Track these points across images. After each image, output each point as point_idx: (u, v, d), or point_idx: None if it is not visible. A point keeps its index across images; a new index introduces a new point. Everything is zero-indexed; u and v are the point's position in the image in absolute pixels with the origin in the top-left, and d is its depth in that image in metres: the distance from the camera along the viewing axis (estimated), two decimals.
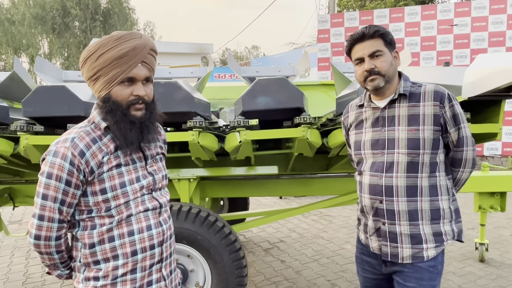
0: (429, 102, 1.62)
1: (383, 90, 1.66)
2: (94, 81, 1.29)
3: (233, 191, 3.25)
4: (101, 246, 1.30)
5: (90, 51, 1.27)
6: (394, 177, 1.63)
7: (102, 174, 1.28)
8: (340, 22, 9.15)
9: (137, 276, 1.33)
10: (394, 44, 1.67)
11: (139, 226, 1.33)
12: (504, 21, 8.12)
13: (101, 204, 1.29)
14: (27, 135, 2.37)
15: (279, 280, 3.60)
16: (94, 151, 1.27)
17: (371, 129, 1.71)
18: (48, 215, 1.26)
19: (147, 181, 1.37)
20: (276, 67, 3.64)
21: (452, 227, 1.68)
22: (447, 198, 1.67)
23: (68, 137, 1.27)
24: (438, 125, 1.62)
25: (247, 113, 2.42)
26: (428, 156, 1.62)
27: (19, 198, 3.20)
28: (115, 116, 1.27)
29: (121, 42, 1.25)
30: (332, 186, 3.17)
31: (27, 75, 3.08)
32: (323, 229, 5.01)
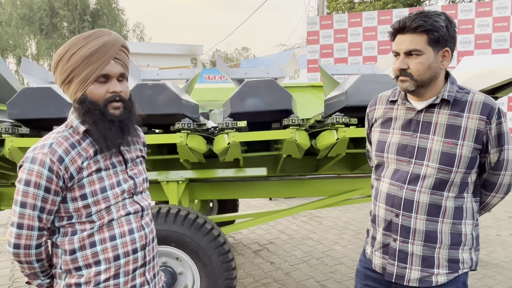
0: (475, 114, 1.39)
1: (420, 92, 1.45)
2: (68, 83, 1.25)
3: (222, 193, 3.25)
4: (82, 252, 1.28)
5: (60, 54, 1.24)
6: (417, 191, 1.45)
7: (82, 180, 1.25)
8: (329, 24, 9.21)
9: (120, 281, 1.31)
10: (447, 41, 1.39)
11: (121, 230, 1.31)
12: (489, 24, 8.25)
13: (82, 210, 1.26)
14: (12, 138, 2.34)
15: (269, 282, 3.60)
16: (73, 156, 1.24)
17: (400, 131, 1.51)
18: (27, 223, 1.23)
19: (128, 185, 1.35)
20: (265, 68, 3.65)
21: (472, 255, 1.50)
22: (472, 222, 1.49)
23: (46, 143, 1.24)
24: (479, 143, 1.41)
25: (235, 115, 2.42)
26: (461, 175, 1.42)
27: (4, 202, 3.15)
28: (93, 116, 1.23)
29: (91, 40, 1.23)
30: (321, 187, 3.19)
31: (13, 76, 3.03)
32: (313, 230, 5.03)
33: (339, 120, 2.32)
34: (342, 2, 19.65)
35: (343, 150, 2.50)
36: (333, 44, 9.16)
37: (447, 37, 1.38)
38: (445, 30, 1.37)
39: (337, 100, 2.38)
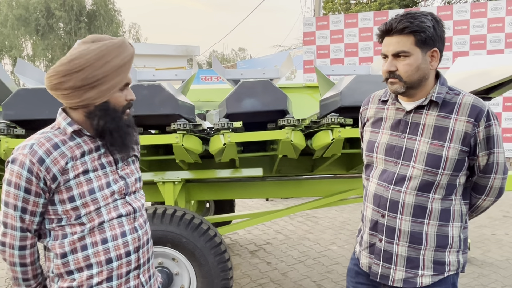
0: (463, 116, 1.37)
1: (410, 93, 1.44)
2: (87, 89, 1.21)
3: (218, 193, 3.25)
4: (74, 255, 1.26)
5: (90, 60, 1.19)
6: (402, 192, 1.44)
7: (69, 181, 1.23)
8: (325, 25, 9.23)
9: (113, 284, 1.30)
10: (435, 41, 1.37)
11: (113, 233, 1.29)
12: (484, 25, 8.29)
13: (71, 212, 1.25)
14: (8, 139, 2.33)
15: (265, 282, 3.60)
16: (56, 157, 1.22)
17: (389, 131, 1.50)
18: (10, 223, 1.23)
19: (119, 185, 1.33)
20: (261, 69, 3.66)
21: (459, 257, 1.48)
22: (459, 225, 1.47)
23: (28, 143, 1.23)
24: (467, 145, 1.38)
25: (231, 115, 2.43)
26: (447, 177, 1.40)
27: None
28: (117, 122, 1.27)
29: (123, 50, 1.25)
30: (318, 187, 3.19)
31: (8, 77, 3.02)
32: (309, 230, 5.03)
33: (335, 120, 2.33)
34: (338, 3, 19.69)
35: (339, 150, 2.51)
36: (329, 44, 9.19)
37: (435, 37, 1.36)
38: (432, 30, 1.35)
39: (333, 100, 2.39)
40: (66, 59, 1.21)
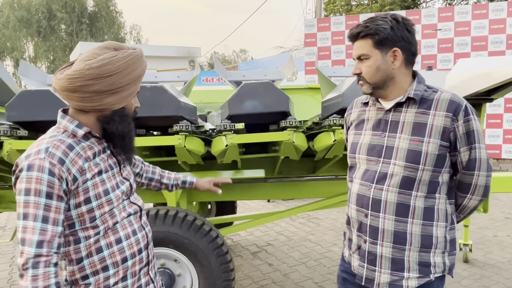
0: (441, 112, 1.38)
1: (379, 94, 1.47)
2: (110, 94, 1.23)
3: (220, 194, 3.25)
4: (89, 259, 1.25)
5: (120, 67, 1.22)
6: (384, 190, 1.43)
7: (86, 182, 1.22)
8: (326, 26, 9.24)
9: (128, 282, 1.31)
10: (395, 41, 1.39)
11: (126, 232, 1.31)
12: (486, 26, 8.29)
13: (85, 215, 1.23)
14: (11, 140, 2.34)
15: (267, 283, 3.60)
16: (73, 158, 1.21)
17: (371, 132, 1.51)
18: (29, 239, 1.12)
19: (125, 186, 1.36)
20: (263, 71, 3.66)
21: (445, 259, 1.44)
22: (444, 225, 1.44)
23: (41, 148, 1.18)
24: (446, 140, 1.38)
25: (233, 117, 2.43)
26: (428, 173, 1.39)
27: (3, 204, 3.15)
28: (129, 126, 1.32)
29: (143, 61, 1.31)
30: (319, 189, 3.20)
31: (11, 79, 3.04)
32: (311, 231, 5.03)
33: (336, 122, 2.33)
34: (340, 4, 19.71)
35: (341, 152, 2.52)
36: (331, 46, 9.19)
37: (394, 38, 1.38)
38: (389, 31, 1.38)
39: (334, 102, 2.40)
40: (95, 63, 1.19)
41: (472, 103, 2.30)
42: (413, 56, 1.44)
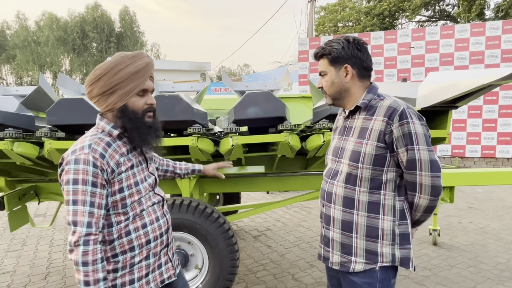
0: (380, 117, 1.34)
1: (340, 105, 1.47)
2: (108, 95, 1.23)
3: (227, 187, 3.25)
4: (119, 240, 1.26)
5: (106, 69, 1.21)
6: (335, 184, 1.43)
7: (121, 174, 1.24)
8: (317, 44, 9.22)
9: (150, 261, 1.32)
10: (346, 58, 1.38)
11: (150, 219, 1.32)
12: (452, 45, 8.28)
13: (118, 203, 1.24)
14: (51, 140, 2.35)
15: (266, 262, 3.60)
16: (111, 153, 1.23)
17: (337, 136, 1.51)
18: (80, 220, 1.15)
19: (152, 179, 1.38)
20: (263, 82, 3.65)
21: (394, 251, 1.37)
22: (391, 219, 1.36)
23: (84, 144, 1.20)
24: (382, 141, 1.33)
25: (238, 121, 2.43)
26: (368, 171, 1.34)
27: (43, 195, 3.16)
28: (136, 123, 1.26)
29: (136, 60, 1.24)
30: (311, 182, 3.19)
31: (51, 89, 3.05)
32: (303, 219, 5.03)
33: (325, 125, 2.33)
34: (328, 26, 19.70)
35: None
36: None
37: (345, 56, 1.38)
38: (340, 50, 1.38)
39: (324, 108, 2.40)
40: (91, 72, 1.25)
41: (440, 109, 2.31)
42: (365, 70, 1.41)
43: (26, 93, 3.06)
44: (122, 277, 1.27)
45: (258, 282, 3.18)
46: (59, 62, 31.72)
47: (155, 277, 1.34)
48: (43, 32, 30.06)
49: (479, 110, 8.17)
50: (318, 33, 19.34)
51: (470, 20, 15.32)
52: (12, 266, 3.68)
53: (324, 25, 19.73)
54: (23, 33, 30.09)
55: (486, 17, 15.80)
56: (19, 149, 2.36)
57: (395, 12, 18.09)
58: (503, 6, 14.34)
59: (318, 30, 19.57)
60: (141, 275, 1.29)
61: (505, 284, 3.05)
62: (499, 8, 14.86)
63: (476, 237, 4.14)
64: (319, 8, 20.27)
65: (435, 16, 18.99)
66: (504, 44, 7.95)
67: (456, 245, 3.93)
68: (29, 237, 4.55)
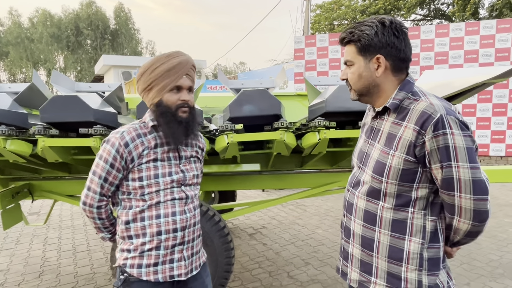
0: (411, 124, 1.10)
1: (367, 101, 1.24)
2: (148, 91, 1.35)
3: (222, 185, 3.25)
4: (134, 224, 1.36)
5: (145, 67, 1.34)
6: (356, 195, 1.26)
7: (141, 165, 1.34)
8: (312, 42, 9.24)
9: (160, 253, 1.37)
10: (378, 47, 1.13)
11: (166, 212, 1.36)
12: (447, 43, 8.32)
13: (138, 190, 1.35)
14: (44, 138, 2.32)
15: (262, 260, 3.61)
16: (137, 144, 1.34)
17: (364, 136, 1.30)
18: (93, 188, 1.35)
19: (178, 176, 1.40)
20: (259, 80, 3.65)
21: (421, 277, 1.15)
22: (419, 241, 1.15)
23: (120, 130, 1.35)
24: (411, 155, 1.10)
25: (233, 119, 2.42)
26: (394, 187, 1.14)
27: (37, 193, 3.13)
28: (167, 117, 1.33)
29: (170, 58, 1.33)
30: (306, 180, 3.20)
31: (44, 86, 3.01)
32: (299, 216, 5.04)
33: (321, 123, 2.33)
34: (324, 24, 19.71)
35: (324, 149, 2.52)
36: (316, 59, 9.20)
37: (378, 44, 1.13)
38: (373, 36, 1.12)
39: (319, 106, 2.40)
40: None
41: None
42: (402, 62, 1.16)
43: (19, 90, 3.03)
44: (133, 259, 1.36)
45: (253, 280, 3.18)
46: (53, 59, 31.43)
47: (164, 270, 1.37)
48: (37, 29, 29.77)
49: (473, 109, 8.24)
50: (314, 31, 19.34)
51: (465, 19, 15.42)
52: (6, 264, 3.65)
53: (320, 23, 19.74)
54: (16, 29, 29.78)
55: (481, 16, 15.90)
56: (12, 147, 2.33)
57: (391, 11, 18.14)
58: (497, 5, 14.44)
59: (313, 28, 19.57)
60: (149, 262, 1.36)
61: (498, 280, 3.08)
62: (493, 7, 14.96)
63: None
64: (314, 6, 20.28)
65: (430, 15, 19.08)
66: (498, 43, 8.01)
67: None
68: (23, 235, 4.51)
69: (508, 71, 1.86)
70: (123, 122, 2.63)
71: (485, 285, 3.00)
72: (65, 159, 2.47)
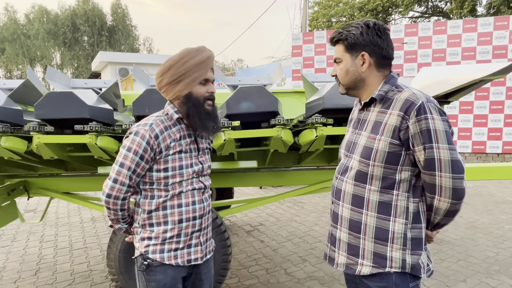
0: (396, 111, 1.22)
1: (354, 95, 1.36)
2: (176, 83, 1.37)
3: (219, 182, 3.24)
4: (157, 212, 1.41)
5: (175, 60, 1.37)
6: (344, 181, 1.34)
7: (168, 156, 1.38)
8: (310, 39, 9.22)
9: (180, 239, 1.44)
10: (363, 45, 1.26)
11: (187, 201, 1.43)
12: (444, 40, 8.33)
13: (162, 180, 1.39)
14: (39, 135, 2.30)
15: (259, 257, 3.61)
16: (165, 136, 1.38)
17: (351, 129, 1.41)
18: (121, 180, 1.37)
19: (198, 167, 1.47)
20: (256, 77, 3.63)
21: (405, 256, 1.25)
22: (403, 222, 1.25)
23: (148, 122, 1.38)
24: (396, 138, 1.21)
25: (230, 116, 2.41)
26: (380, 169, 1.24)
27: (33, 190, 3.12)
28: (198, 108, 1.39)
29: (200, 53, 1.38)
30: (303, 177, 3.20)
31: (39, 82, 2.99)
32: (296, 213, 5.05)
33: (318, 120, 2.32)
34: (322, 21, 19.67)
35: (321, 146, 2.51)
36: (314, 56, 9.18)
37: (363, 42, 1.26)
38: (358, 36, 1.26)
39: (316, 103, 2.39)
40: (162, 64, 1.41)
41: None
42: (385, 59, 1.29)
43: (14, 86, 3.00)
44: (155, 246, 1.42)
45: (250, 277, 3.19)
46: (50, 55, 31.23)
47: (183, 255, 1.45)
48: (33, 25, 29.54)
49: (471, 106, 8.26)
50: (311, 28, 19.31)
51: (463, 16, 15.43)
52: (2, 262, 3.63)
53: (318, 20, 19.70)
54: (12, 26, 29.55)
55: (478, 14, 15.91)
56: (7, 144, 2.31)
57: (389, 8, 18.13)
58: (495, 3, 14.46)
59: (311, 25, 19.54)
60: (170, 247, 1.43)
61: (494, 277, 3.09)
62: (491, 5, 14.97)
63: (466, 232, 4.19)
64: (312, 3, 20.23)
65: (428, 12, 19.07)
66: (496, 41, 8.02)
67: (446, 239, 3.97)
68: (19, 232, 4.49)
69: (506, 68, 1.86)
70: (119, 119, 2.61)
71: (481, 282, 3.01)
72: (60, 156, 2.46)
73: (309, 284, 3.02)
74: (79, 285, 3.12)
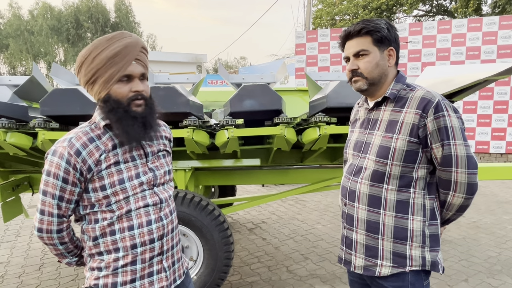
0: (412, 109, 1.23)
1: (371, 92, 1.32)
2: (92, 84, 1.13)
3: (222, 179, 3.25)
4: (104, 239, 1.17)
5: (84, 56, 1.12)
6: (358, 182, 1.32)
7: (101, 172, 1.13)
8: (314, 37, 9.20)
9: (137, 267, 1.19)
10: (390, 41, 1.27)
11: (139, 221, 1.18)
12: (449, 39, 8.28)
13: (102, 200, 1.15)
14: (44, 131, 2.33)
15: (261, 254, 3.62)
16: (91, 149, 1.12)
17: (358, 129, 1.39)
18: (48, 210, 1.14)
19: (147, 177, 1.20)
20: (259, 75, 3.63)
21: (424, 254, 1.26)
22: (421, 219, 1.26)
23: (67, 137, 1.13)
24: (415, 136, 1.22)
25: (234, 113, 2.42)
26: (398, 168, 1.24)
27: (37, 186, 3.14)
28: (117, 113, 1.11)
29: (113, 42, 1.10)
30: (306, 175, 3.20)
31: (44, 79, 3.01)
32: (298, 212, 5.05)
33: (321, 119, 2.33)
34: (326, 19, 19.60)
35: (324, 144, 2.52)
36: (318, 55, 9.16)
37: (390, 37, 1.27)
38: (386, 31, 1.26)
39: (320, 102, 2.39)
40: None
41: None
42: (398, 59, 1.33)
43: (19, 83, 3.02)
44: (105, 278, 1.18)
45: (252, 274, 3.20)
46: (53, 52, 31.31)
47: (143, 285, 1.20)
48: (37, 21, 29.62)
49: (474, 106, 8.22)
50: (315, 26, 19.25)
51: (467, 15, 15.33)
52: (6, 257, 3.67)
53: (322, 18, 19.63)
54: (16, 22, 29.63)
55: (483, 13, 15.81)
56: (12, 140, 2.33)
57: (393, 6, 18.04)
58: (500, 2, 14.36)
59: (315, 23, 19.48)
60: (125, 280, 1.18)
61: (496, 277, 3.09)
62: (496, 4, 14.87)
63: (469, 231, 4.19)
64: (316, 1, 20.16)
65: (432, 10, 18.97)
66: (501, 40, 7.97)
67: (448, 239, 3.97)
68: (23, 228, 4.53)
69: (510, 68, 1.85)
70: None
71: (483, 282, 3.02)
72: None
73: (310, 282, 3.03)
74: (82, 280, 3.14)
